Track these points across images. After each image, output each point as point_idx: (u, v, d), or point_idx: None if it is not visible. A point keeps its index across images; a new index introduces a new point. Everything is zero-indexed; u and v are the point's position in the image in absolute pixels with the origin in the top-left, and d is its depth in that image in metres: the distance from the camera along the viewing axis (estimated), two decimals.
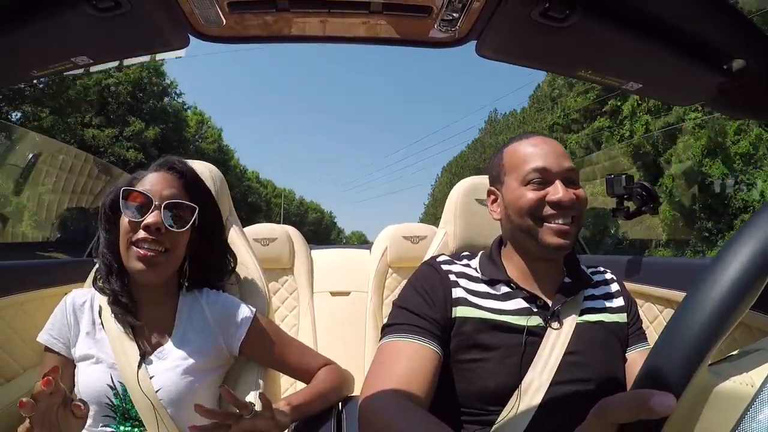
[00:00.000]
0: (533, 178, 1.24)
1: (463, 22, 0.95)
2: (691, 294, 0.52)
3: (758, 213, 0.53)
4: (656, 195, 2.11)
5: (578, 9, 0.84)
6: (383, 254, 2.75)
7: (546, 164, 1.23)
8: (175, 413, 1.24)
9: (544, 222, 1.22)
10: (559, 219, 1.21)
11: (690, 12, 0.85)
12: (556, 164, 1.23)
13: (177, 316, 1.36)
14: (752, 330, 1.47)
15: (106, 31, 0.89)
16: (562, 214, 1.21)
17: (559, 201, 1.20)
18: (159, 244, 1.27)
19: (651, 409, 0.47)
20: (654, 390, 0.49)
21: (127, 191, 1.27)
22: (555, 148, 1.27)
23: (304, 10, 0.95)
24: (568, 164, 1.24)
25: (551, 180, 1.23)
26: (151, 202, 1.27)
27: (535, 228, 1.23)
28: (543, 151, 1.25)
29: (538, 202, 1.22)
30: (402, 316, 1.20)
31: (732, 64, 0.94)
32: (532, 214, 1.23)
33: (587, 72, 1.05)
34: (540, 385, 1.13)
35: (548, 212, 1.21)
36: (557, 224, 1.21)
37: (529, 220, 1.23)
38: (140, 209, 1.26)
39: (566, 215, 1.21)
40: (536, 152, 1.26)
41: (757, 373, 0.52)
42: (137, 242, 1.25)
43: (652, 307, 1.95)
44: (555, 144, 1.28)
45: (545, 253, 1.25)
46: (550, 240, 1.21)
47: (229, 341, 1.37)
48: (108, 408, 1.23)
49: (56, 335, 1.30)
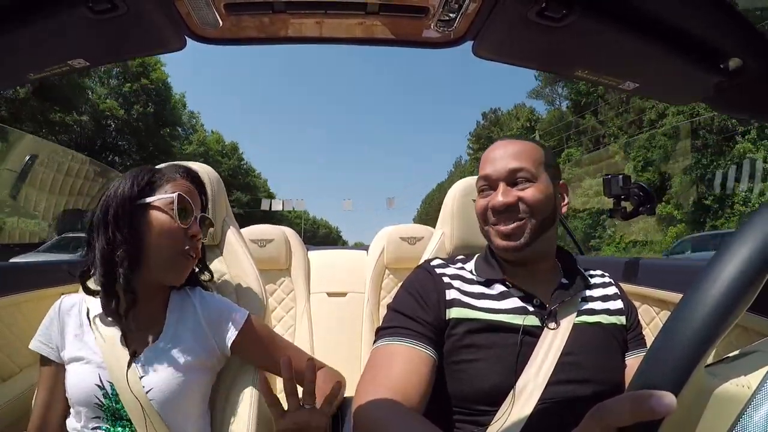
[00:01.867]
0: (480, 186, 1.31)
1: (459, 22, 0.95)
2: (687, 296, 0.52)
3: (755, 214, 0.53)
4: (653, 195, 2.11)
5: (575, 9, 0.84)
6: (380, 255, 2.75)
7: (488, 171, 1.28)
8: (165, 413, 1.23)
9: (491, 226, 1.27)
10: (501, 223, 1.25)
11: (687, 11, 0.85)
12: (497, 169, 1.26)
13: (168, 315, 1.34)
14: (749, 332, 1.47)
15: (102, 33, 0.89)
16: (502, 217, 1.24)
17: (493, 206, 1.25)
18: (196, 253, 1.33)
19: (651, 409, 0.47)
20: (653, 390, 0.48)
21: (180, 196, 1.29)
22: (506, 150, 1.28)
23: (301, 12, 0.95)
24: (513, 165, 1.25)
25: (494, 185, 1.27)
26: (193, 211, 1.31)
27: (487, 234, 1.30)
28: (492, 157, 1.29)
29: (483, 209, 1.29)
30: (396, 319, 1.20)
31: (729, 64, 0.94)
32: (483, 221, 1.30)
33: (584, 71, 1.05)
34: (536, 385, 1.12)
35: (491, 218, 1.27)
36: (499, 227, 1.25)
37: (483, 226, 1.31)
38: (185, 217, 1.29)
39: (508, 218, 1.24)
40: (487, 159, 1.31)
41: (753, 375, 0.52)
42: (186, 252, 1.29)
43: (649, 308, 1.95)
44: (509, 145, 1.29)
45: (502, 254, 1.29)
46: (497, 243, 1.26)
47: (220, 342, 1.36)
48: (97, 408, 1.22)
49: (45, 341, 1.29)
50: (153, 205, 1.26)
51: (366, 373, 1.12)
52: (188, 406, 1.28)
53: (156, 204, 1.26)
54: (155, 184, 1.30)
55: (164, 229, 1.25)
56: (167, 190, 1.28)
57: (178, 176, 1.35)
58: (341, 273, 2.99)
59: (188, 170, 1.40)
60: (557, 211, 1.29)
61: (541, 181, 1.25)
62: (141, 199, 1.26)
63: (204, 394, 1.35)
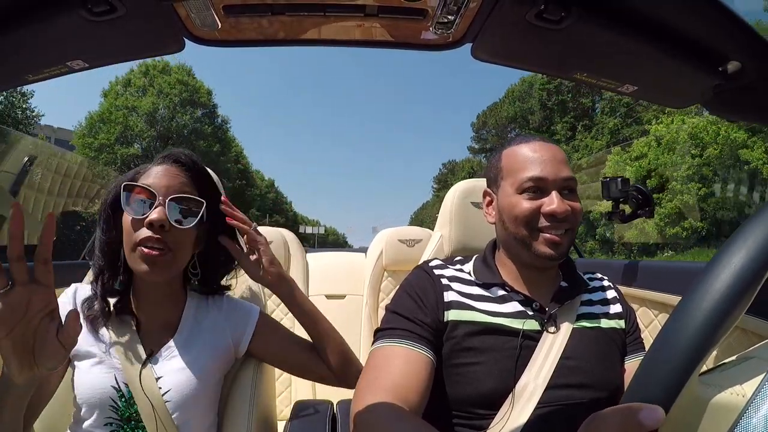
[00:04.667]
0: (529, 187, 1.22)
1: (458, 24, 0.95)
2: (682, 303, 0.52)
3: (753, 217, 0.53)
4: (651, 198, 2.11)
5: (574, 11, 0.84)
6: (379, 257, 2.75)
7: (543, 173, 1.21)
8: (178, 414, 1.21)
9: (539, 232, 1.21)
10: (553, 230, 1.20)
11: (686, 14, 0.85)
12: (553, 173, 1.21)
13: (184, 315, 1.33)
14: (748, 334, 1.47)
15: (101, 35, 0.89)
16: (556, 225, 1.20)
17: (554, 213, 1.19)
18: (162, 244, 1.19)
19: (640, 422, 0.47)
20: (642, 404, 0.49)
21: (129, 186, 1.20)
22: (555, 155, 1.24)
23: (300, 13, 0.95)
24: (566, 173, 1.22)
25: (547, 190, 1.21)
26: (155, 196, 1.19)
27: (528, 238, 1.22)
28: (541, 158, 1.23)
29: (533, 212, 1.21)
30: (394, 321, 1.20)
31: (728, 67, 0.94)
32: (527, 224, 1.22)
33: (582, 74, 1.05)
34: (535, 389, 1.12)
35: (542, 223, 1.21)
36: (551, 234, 1.20)
37: (524, 230, 1.23)
38: (143, 205, 1.19)
39: (560, 227, 1.20)
40: (534, 159, 1.24)
41: (748, 384, 0.52)
42: (141, 242, 1.17)
43: (647, 311, 1.95)
44: (555, 150, 1.26)
45: (537, 262, 1.24)
46: (542, 250, 1.21)
47: (237, 340, 1.35)
48: (111, 410, 1.19)
49: None
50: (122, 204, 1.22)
51: (364, 374, 1.12)
52: (201, 408, 1.28)
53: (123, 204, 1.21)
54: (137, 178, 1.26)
55: (125, 224, 1.21)
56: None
57: (154, 165, 1.28)
58: (340, 275, 2.99)
59: (170, 154, 1.31)
60: None
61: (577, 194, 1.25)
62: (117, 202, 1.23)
63: (216, 395, 1.35)
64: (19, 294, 0.80)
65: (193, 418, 1.25)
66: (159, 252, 1.19)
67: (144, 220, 1.18)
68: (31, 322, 0.82)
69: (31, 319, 0.82)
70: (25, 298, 0.81)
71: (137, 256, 1.18)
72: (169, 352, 1.27)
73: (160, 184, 1.22)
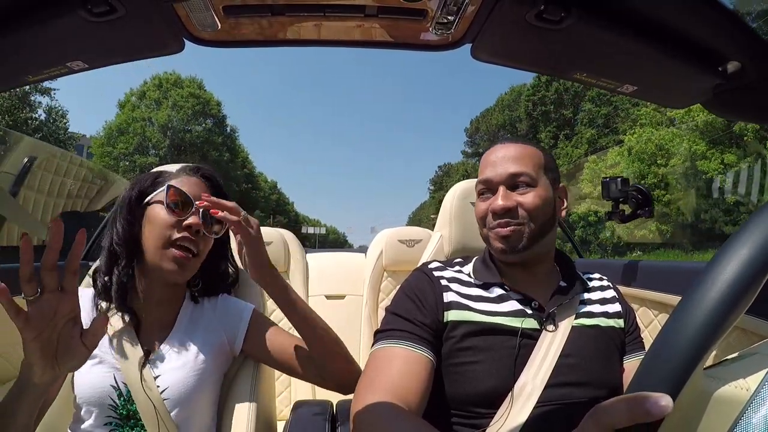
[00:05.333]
0: (480, 189, 1.32)
1: (458, 25, 0.95)
2: (686, 297, 0.52)
3: (755, 215, 0.53)
4: (651, 198, 2.11)
5: (573, 12, 0.84)
6: (378, 258, 2.74)
7: (488, 174, 1.28)
8: (178, 413, 1.23)
9: (491, 230, 1.28)
10: (500, 227, 1.25)
11: (685, 14, 0.85)
12: (498, 172, 1.27)
13: (180, 315, 1.35)
14: (748, 334, 1.47)
15: (101, 36, 0.89)
16: (502, 221, 1.25)
17: (493, 210, 1.25)
18: (195, 247, 1.27)
19: (648, 411, 0.47)
20: (649, 393, 0.48)
21: (171, 187, 1.27)
22: (506, 154, 1.28)
23: (299, 14, 0.95)
24: (513, 169, 1.25)
25: (495, 189, 1.27)
26: (192, 203, 1.27)
27: (486, 236, 1.31)
28: (492, 160, 1.30)
29: (484, 212, 1.29)
30: (394, 322, 1.20)
31: (728, 67, 0.94)
32: (483, 224, 1.31)
33: (582, 75, 1.05)
34: (534, 388, 1.12)
35: (490, 221, 1.27)
36: (498, 231, 1.25)
37: (483, 229, 1.32)
38: (181, 209, 1.26)
39: (507, 222, 1.24)
40: (487, 162, 1.31)
41: (752, 378, 0.52)
42: (176, 241, 1.24)
43: (647, 311, 1.95)
44: (509, 149, 1.29)
45: (499, 257, 1.30)
46: (494, 245, 1.27)
47: (231, 338, 1.36)
48: (111, 409, 1.21)
49: None
50: (151, 201, 1.28)
51: (364, 375, 1.12)
52: (200, 406, 1.29)
53: (153, 200, 1.28)
54: (159, 183, 1.31)
55: (156, 220, 1.26)
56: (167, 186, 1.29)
57: (184, 174, 1.35)
58: (340, 275, 2.99)
59: (198, 168, 1.39)
60: (556, 215, 1.30)
61: (541, 185, 1.25)
62: (142, 199, 1.28)
63: (215, 393, 1.35)
64: (48, 301, 0.86)
65: (191, 416, 1.26)
66: (190, 254, 1.27)
67: (182, 222, 1.25)
68: (57, 326, 0.88)
69: (57, 323, 0.88)
70: (53, 304, 0.87)
71: (168, 255, 1.25)
72: (167, 350, 1.28)
73: (194, 193, 1.29)
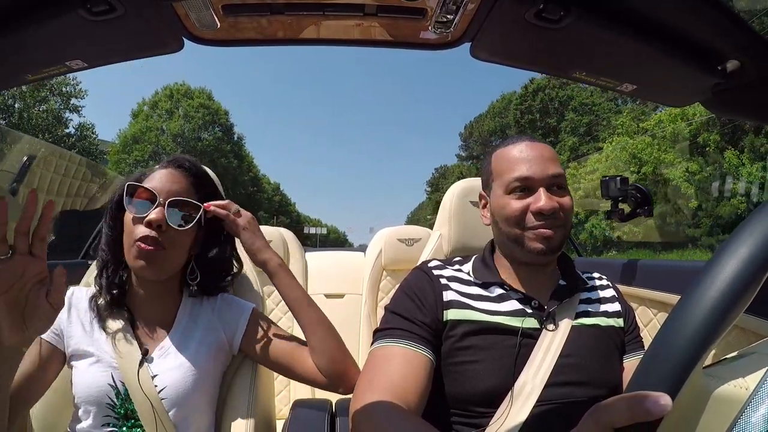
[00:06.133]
0: (516, 187, 1.24)
1: (457, 24, 0.95)
2: (685, 296, 0.52)
3: (754, 214, 0.53)
4: (650, 197, 2.11)
5: (573, 11, 0.84)
6: (378, 257, 2.74)
7: (529, 172, 1.22)
8: (176, 412, 1.23)
9: (530, 230, 1.22)
10: (542, 227, 1.20)
11: (685, 13, 0.85)
12: (539, 171, 1.22)
13: (179, 314, 1.35)
14: (747, 333, 1.47)
15: (100, 35, 0.89)
16: (544, 221, 1.20)
17: (541, 210, 1.19)
18: (158, 243, 1.23)
19: (647, 410, 0.47)
20: (649, 392, 0.49)
21: (132, 186, 1.26)
22: (542, 153, 1.25)
23: (299, 13, 0.95)
24: (553, 170, 1.23)
25: (534, 188, 1.22)
26: (155, 198, 1.24)
27: (520, 236, 1.23)
28: (527, 158, 1.24)
29: (522, 211, 1.22)
30: (393, 321, 1.20)
31: (727, 66, 0.94)
32: (517, 224, 1.23)
33: (582, 73, 1.05)
34: (533, 387, 1.12)
35: (531, 221, 1.21)
36: (541, 231, 1.20)
37: (515, 229, 1.23)
38: (144, 205, 1.24)
39: (549, 223, 1.21)
40: (520, 158, 1.25)
41: (751, 377, 0.52)
42: (139, 239, 1.22)
43: (646, 310, 1.95)
44: (542, 148, 1.27)
45: (530, 258, 1.25)
46: (534, 246, 1.21)
47: (230, 337, 1.36)
48: (109, 408, 1.21)
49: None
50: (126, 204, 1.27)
51: (363, 375, 1.12)
52: (198, 405, 1.28)
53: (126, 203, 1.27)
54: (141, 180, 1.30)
55: (126, 221, 1.26)
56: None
57: (159, 169, 1.33)
58: (339, 274, 2.98)
59: (174, 158, 1.37)
60: None
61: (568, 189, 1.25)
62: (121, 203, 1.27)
63: (213, 392, 1.35)
64: (18, 262, 0.90)
65: (190, 415, 1.26)
66: (153, 248, 1.23)
67: (143, 219, 1.23)
68: (24, 286, 0.92)
69: (25, 283, 0.91)
70: (21, 266, 0.90)
71: (134, 252, 1.23)
72: (165, 350, 1.28)
73: (162, 187, 1.27)
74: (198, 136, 49.11)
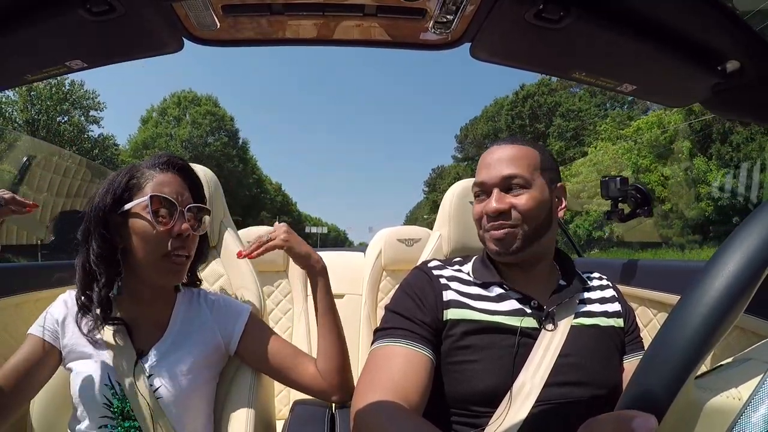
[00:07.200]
0: (476, 192, 1.33)
1: (457, 24, 0.95)
2: (685, 297, 0.52)
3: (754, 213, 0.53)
4: (650, 197, 2.10)
5: (572, 11, 0.84)
6: (377, 257, 2.74)
7: (482, 177, 1.29)
8: (173, 412, 1.23)
9: (486, 232, 1.28)
10: (494, 228, 1.26)
11: (685, 13, 0.85)
12: (492, 174, 1.27)
13: (174, 314, 1.34)
14: (746, 333, 1.47)
15: (100, 35, 0.89)
16: (495, 223, 1.25)
17: (487, 212, 1.26)
18: (188, 251, 1.26)
19: (632, 430, 0.48)
20: (636, 411, 0.49)
21: (154, 197, 1.21)
22: (500, 156, 1.28)
23: (299, 13, 0.95)
24: (507, 171, 1.25)
25: (489, 191, 1.28)
26: (176, 207, 1.23)
27: (483, 238, 1.32)
28: (487, 163, 1.30)
29: (479, 214, 1.30)
30: (394, 321, 1.20)
31: (727, 66, 0.94)
32: (479, 226, 1.32)
33: (581, 74, 1.05)
34: (532, 387, 1.12)
35: (485, 223, 1.28)
36: (492, 233, 1.26)
37: (480, 231, 1.32)
38: (166, 216, 1.22)
39: (500, 224, 1.24)
40: (482, 164, 1.32)
41: (744, 386, 0.52)
42: (171, 252, 1.22)
43: (646, 310, 1.95)
44: (504, 150, 1.29)
45: (497, 258, 1.30)
46: (490, 247, 1.28)
47: (227, 338, 1.36)
48: (106, 408, 1.21)
49: (44, 325, 1.26)
50: (131, 212, 1.22)
51: (364, 374, 1.12)
52: (195, 405, 1.29)
53: (133, 210, 1.22)
54: (134, 187, 1.24)
55: (144, 234, 1.21)
56: (146, 191, 1.22)
57: (157, 170, 1.27)
58: (339, 275, 2.97)
59: (169, 161, 1.31)
60: (553, 215, 1.29)
61: (536, 186, 1.24)
62: (118, 208, 1.22)
63: (210, 392, 1.35)
64: None
65: (186, 415, 1.26)
66: (184, 259, 1.26)
67: (170, 230, 1.22)
68: None
69: None
70: None
71: (164, 266, 1.23)
72: (160, 350, 1.28)
73: (175, 193, 1.25)
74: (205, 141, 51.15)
